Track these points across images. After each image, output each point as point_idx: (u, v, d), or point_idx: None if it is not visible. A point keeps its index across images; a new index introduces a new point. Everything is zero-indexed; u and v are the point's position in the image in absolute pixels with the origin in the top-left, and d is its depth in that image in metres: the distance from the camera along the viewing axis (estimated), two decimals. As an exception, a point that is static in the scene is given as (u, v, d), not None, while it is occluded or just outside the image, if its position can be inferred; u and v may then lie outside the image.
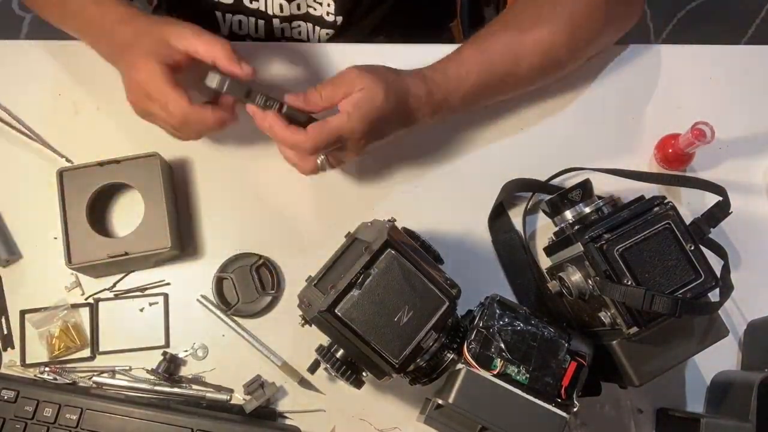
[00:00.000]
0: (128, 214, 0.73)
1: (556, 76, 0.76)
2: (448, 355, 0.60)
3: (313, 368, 0.65)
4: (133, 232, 0.70)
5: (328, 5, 0.83)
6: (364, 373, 0.60)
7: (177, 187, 0.75)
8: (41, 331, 0.71)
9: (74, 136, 0.76)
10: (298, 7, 0.83)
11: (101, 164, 0.71)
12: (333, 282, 0.58)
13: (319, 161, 0.67)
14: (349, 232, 0.64)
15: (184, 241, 0.74)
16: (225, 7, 0.84)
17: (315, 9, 0.84)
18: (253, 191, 0.76)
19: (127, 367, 0.71)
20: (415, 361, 0.58)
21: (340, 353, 0.60)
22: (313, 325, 0.59)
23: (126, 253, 0.69)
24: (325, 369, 0.62)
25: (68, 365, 0.71)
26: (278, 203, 0.76)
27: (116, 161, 0.71)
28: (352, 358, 0.59)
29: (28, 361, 0.71)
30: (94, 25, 0.70)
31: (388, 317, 0.57)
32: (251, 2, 0.83)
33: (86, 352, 0.71)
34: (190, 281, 0.73)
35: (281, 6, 0.83)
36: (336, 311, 0.56)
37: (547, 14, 0.72)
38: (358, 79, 0.65)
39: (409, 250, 0.59)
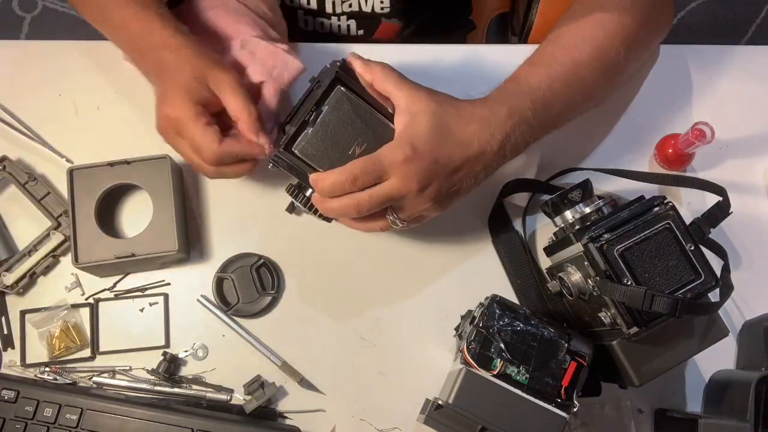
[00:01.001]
0: (136, 216, 0.73)
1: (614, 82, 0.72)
2: None
3: (291, 208, 0.71)
4: (140, 234, 0.70)
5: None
6: None
7: (185, 188, 0.75)
8: (41, 331, 0.71)
9: (74, 136, 0.76)
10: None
11: (111, 164, 0.71)
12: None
13: (389, 219, 0.63)
14: (313, 76, 0.63)
15: (190, 243, 0.74)
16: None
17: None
18: (253, 191, 0.76)
19: (127, 367, 0.71)
20: None
21: (309, 192, 0.63)
22: (279, 167, 0.62)
23: (133, 255, 0.69)
24: (298, 208, 0.68)
25: (68, 365, 0.71)
26: (279, 203, 0.76)
27: (126, 162, 0.71)
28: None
29: (28, 361, 0.71)
30: (136, 44, 0.67)
31: (341, 151, 0.60)
32: None
33: (86, 352, 0.71)
34: (190, 281, 0.73)
35: None
36: (293, 149, 0.60)
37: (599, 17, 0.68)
38: (412, 98, 0.59)
39: (360, 86, 0.61)
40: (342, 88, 0.60)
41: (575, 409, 0.58)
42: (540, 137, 0.66)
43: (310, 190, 0.63)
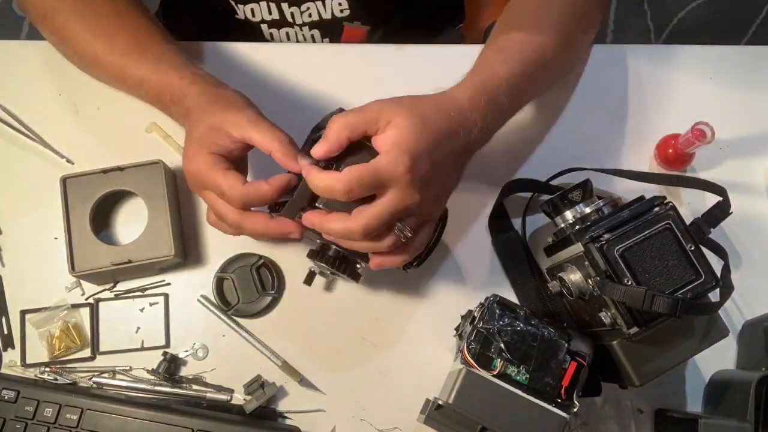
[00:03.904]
0: (132, 222, 0.73)
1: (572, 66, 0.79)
2: None
3: (309, 279, 0.67)
4: (136, 240, 0.70)
5: None
6: (358, 265, 0.63)
7: (180, 192, 0.75)
8: (41, 331, 0.71)
9: (74, 137, 0.76)
10: None
11: (104, 171, 0.71)
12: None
13: (396, 230, 0.58)
14: (317, 125, 0.61)
15: (187, 247, 0.74)
16: None
17: None
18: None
19: (128, 367, 0.71)
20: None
21: (331, 251, 0.62)
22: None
23: (129, 261, 0.69)
24: (321, 273, 0.65)
25: (68, 365, 0.71)
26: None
27: (119, 168, 0.71)
28: (343, 253, 0.62)
29: (28, 361, 0.71)
30: (160, 97, 0.67)
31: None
32: None
33: (86, 352, 0.71)
34: (191, 281, 0.73)
35: None
36: (317, 204, 0.58)
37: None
38: (384, 109, 0.57)
39: None
40: None
41: (575, 409, 0.58)
42: (509, 118, 0.67)
43: (332, 250, 0.62)
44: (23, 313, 0.72)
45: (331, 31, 0.87)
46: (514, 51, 0.66)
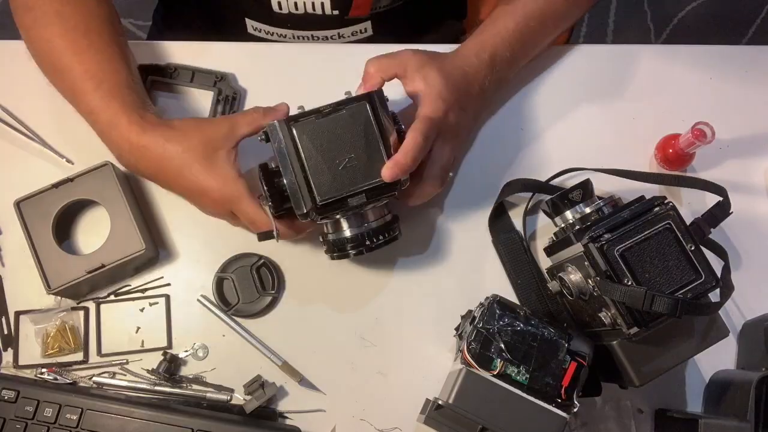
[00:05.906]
0: (96, 228, 0.73)
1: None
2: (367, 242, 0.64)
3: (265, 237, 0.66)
4: (104, 244, 0.70)
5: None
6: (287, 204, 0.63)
7: (134, 186, 0.75)
8: (39, 328, 0.71)
9: (74, 136, 0.76)
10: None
11: (56, 186, 0.71)
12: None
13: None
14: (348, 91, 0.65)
15: (157, 239, 0.74)
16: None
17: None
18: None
19: (124, 361, 0.71)
20: (334, 211, 0.62)
21: (280, 180, 0.62)
22: (268, 141, 0.62)
23: (103, 266, 0.69)
24: (261, 196, 0.65)
25: (69, 366, 0.71)
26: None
27: (70, 179, 0.71)
28: (286, 190, 0.62)
29: (23, 363, 0.70)
30: (105, 135, 0.68)
31: (330, 156, 0.60)
32: None
33: (79, 356, 0.71)
34: (191, 281, 0.73)
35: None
36: (292, 125, 0.60)
37: None
38: (414, 58, 0.68)
39: (385, 114, 0.62)
40: (368, 105, 0.61)
41: (575, 410, 0.58)
42: (516, 67, 0.76)
43: (284, 181, 0.62)
44: (17, 314, 0.71)
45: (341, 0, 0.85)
46: (518, 6, 0.74)
